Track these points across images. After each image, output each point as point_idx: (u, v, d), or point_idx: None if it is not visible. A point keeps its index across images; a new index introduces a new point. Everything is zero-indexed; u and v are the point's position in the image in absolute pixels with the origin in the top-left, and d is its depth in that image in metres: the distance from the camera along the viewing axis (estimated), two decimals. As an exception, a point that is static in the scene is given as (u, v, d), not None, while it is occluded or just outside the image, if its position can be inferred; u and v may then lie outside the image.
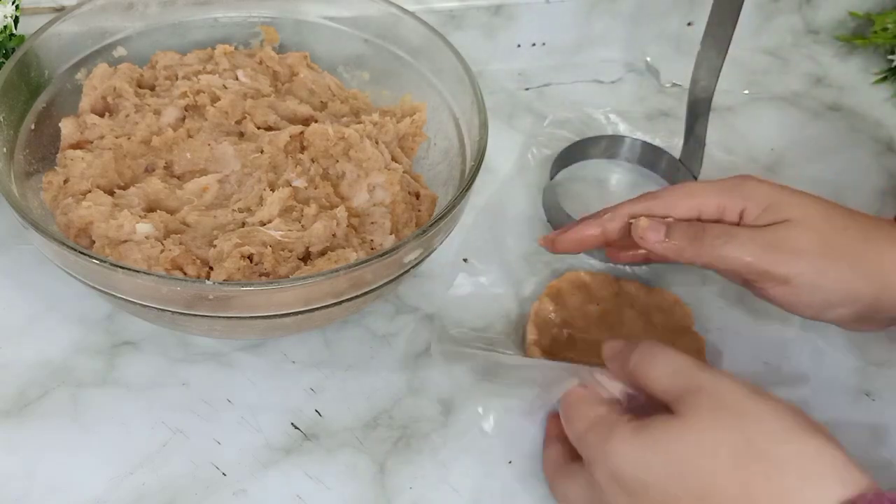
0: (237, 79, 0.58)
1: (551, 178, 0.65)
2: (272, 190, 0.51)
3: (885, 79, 0.80)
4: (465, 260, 0.59)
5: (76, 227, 0.49)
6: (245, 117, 0.55)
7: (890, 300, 0.47)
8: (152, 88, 0.58)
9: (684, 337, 0.55)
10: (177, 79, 0.57)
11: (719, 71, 0.61)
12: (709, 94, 0.62)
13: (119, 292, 0.45)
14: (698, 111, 0.63)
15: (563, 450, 0.47)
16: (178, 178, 0.54)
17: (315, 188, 0.53)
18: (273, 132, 0.54)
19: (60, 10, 0.60)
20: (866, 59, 0.83)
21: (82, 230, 0.50)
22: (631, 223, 0.50)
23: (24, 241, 0.56)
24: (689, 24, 0.78)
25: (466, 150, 0.54)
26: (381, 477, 0.48)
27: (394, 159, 0.55)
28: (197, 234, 0.50)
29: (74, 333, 0.53)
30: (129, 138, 0.53)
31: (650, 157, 0.68)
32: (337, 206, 0.52)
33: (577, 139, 0.68)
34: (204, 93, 0.55)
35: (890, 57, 0.81)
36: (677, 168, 0.66)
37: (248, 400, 0.51)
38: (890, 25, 0.81)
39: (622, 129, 0.72)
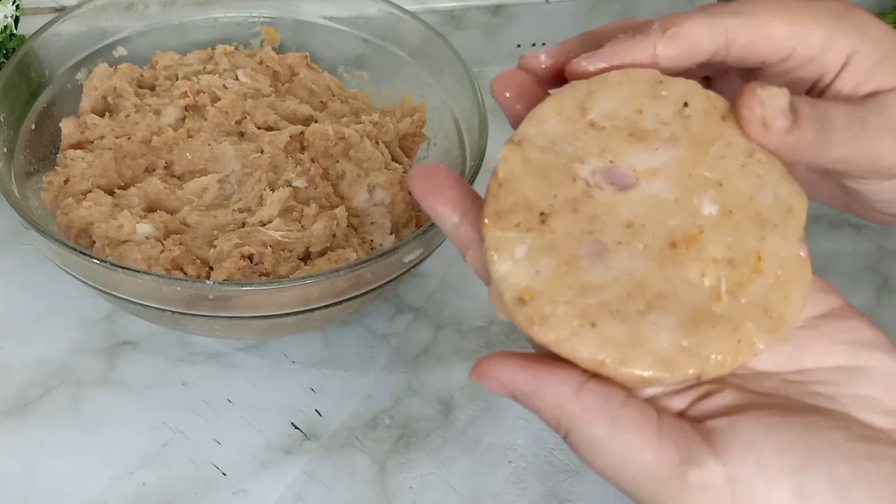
0: (237, 79, 0.58)
1: None
2: (272, 190, 0.51)
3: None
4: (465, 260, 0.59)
5: (76, 227, 0.49)
6: (245, 117, 0.55)
7: None
8: (152, 88, 0.58)
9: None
10: (177, 79, 0.57)
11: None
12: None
13: (119, 292, 0.45)
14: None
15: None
16: (178, 178, 0.54)
17: (315, 188, 0.53)
18: (273, 132, 0.54)
19: (60, 10, 0.60)
20: (866, 59, 0.83)
21: (83, 230, 0.50)
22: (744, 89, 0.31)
23: (24, 241, 0.56)
24: (688, 24, 0.78)
25: (466, 151, 0.54)
26: (381, 477, 0.48)
27: (394, 159, 0.55)
28: (197, 234, 0.50)
29: (74, 333, 0.53)
30: (129, 138, 0.53)
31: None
32: (337, 206, 0.52)
33: None
34: (204, 93, 0.55)
35: (890, 57, 0.80)
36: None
37: (249, 400, 0.51)
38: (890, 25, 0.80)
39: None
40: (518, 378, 0.30)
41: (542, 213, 0.31)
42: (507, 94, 0.34)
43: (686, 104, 0.32)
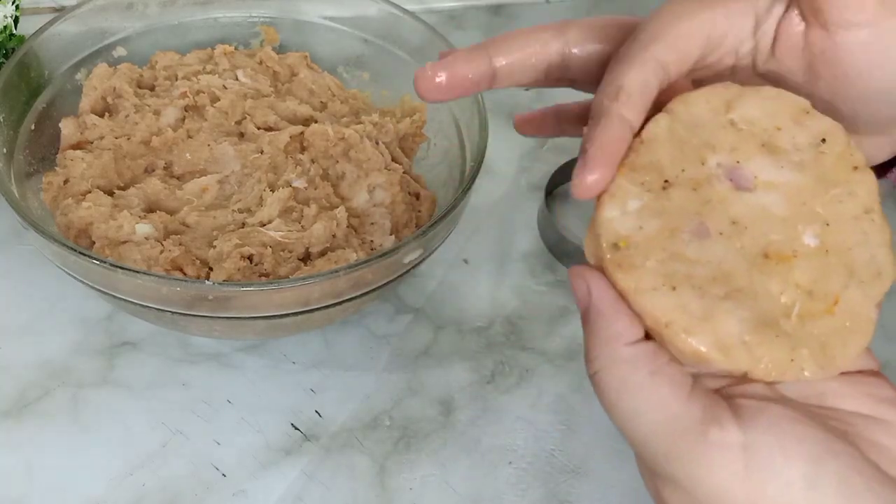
0: (237, 79, 0.58)
1: (547, 193, 0.62)
2: (272, 190, 0.51)
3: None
4: (465, 261, 0.59)
5: (76, 227, 0.49)
6: (245, 117, 0.55)
7: None
8: (152, 89, 0.58)
9: None
10: (177, 79, 0.57)
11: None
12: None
13: (119, 293, 0.45)
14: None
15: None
16: (178, 178, 0.54)
17: (315, 189, 0.53)
18: (273, 132, 0.54)
19: (60, 10, 0.60)
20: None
21: (82, 231, 0.50)
22: None
23: (24, 242, 0.56)
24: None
25: (466, 151, 0.54)
26: (381, 477, 0.48)
27: (394, 160, 0.55)
28: (196, 234, 0.50)
29: (74, 333, 0.53)
30: (128, 139, 0.53)
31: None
32: (337, 207, 0.52)
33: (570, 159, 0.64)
34: (204, 93, 0.55)
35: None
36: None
37: (248, 400, 0.51)
38: None
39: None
40: (603, 297, 0.31)
41: (666, 181, 0.33)
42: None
43: (824, 140, 0.33)
